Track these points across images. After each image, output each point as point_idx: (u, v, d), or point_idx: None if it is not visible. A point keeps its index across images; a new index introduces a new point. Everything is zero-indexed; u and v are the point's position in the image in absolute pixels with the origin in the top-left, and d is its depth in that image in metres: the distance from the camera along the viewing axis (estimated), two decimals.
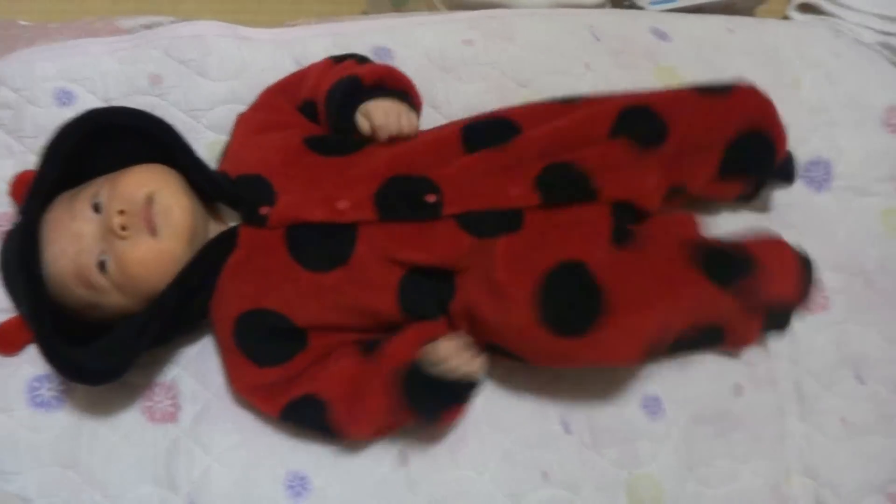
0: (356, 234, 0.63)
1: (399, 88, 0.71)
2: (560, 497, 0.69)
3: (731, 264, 0.68)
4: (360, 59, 0.75)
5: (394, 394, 0.62)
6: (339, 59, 0.75)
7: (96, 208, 0.62)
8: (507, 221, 0.65)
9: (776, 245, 0.73)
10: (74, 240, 0.61)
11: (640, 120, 0.68)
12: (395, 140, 0.68)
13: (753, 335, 0.73)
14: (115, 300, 0.63)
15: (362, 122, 0.68)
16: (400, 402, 0.62)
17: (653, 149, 0.68)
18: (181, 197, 0.64)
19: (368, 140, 0.69)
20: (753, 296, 0.68)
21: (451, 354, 0.61)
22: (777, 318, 0.75)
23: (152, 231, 0.61)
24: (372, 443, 0.69)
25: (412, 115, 0.70)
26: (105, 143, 0.65)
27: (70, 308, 0.64)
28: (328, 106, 0.70)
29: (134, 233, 0.61)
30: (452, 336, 0.63)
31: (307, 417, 0.65)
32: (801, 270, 0.74)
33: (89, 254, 0.61)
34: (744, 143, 0.71)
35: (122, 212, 0.60)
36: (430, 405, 0.64)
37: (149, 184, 0.62)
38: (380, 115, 0.67)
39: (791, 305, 0.74)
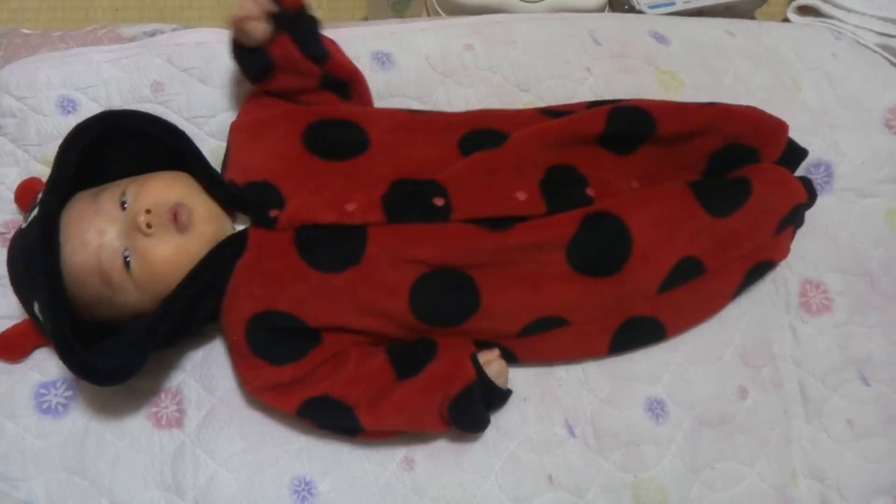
0: (366, 235, 0.64)
1: None
2: (565, 500, 0.69)
3: (725, 195, 0.68)
4: None
5: (448, 408, 0.65)
6: None
7: (122, 206, 0.63)
8: (514, 222, 0.65)
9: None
10: (97, 234, 0.62)
11: (629, 115, 0.69)
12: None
13: (785, 248, 0.76)
14: (129, 298, 0.63)
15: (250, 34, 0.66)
16: (452, 416, 0.65)
17: (635, 149, 0.69)
18: (208, 205, 0.65)
19: (366, 143, 0.69)
20: (758, 216, 0.69)
21: (503, 370, 0.69)
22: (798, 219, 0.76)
23: (182, 230, 0.62)
24: (378, 447, 0.69)
25: None
26: (117, 145, 0.66)
27: (80, 303, 0.63)
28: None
29: (158, 231, 0.61)
30: (493, 352, 0.69)
31: (325, 416, 0.66)
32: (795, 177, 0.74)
33: (113, 250, 0.62)
34: (727, 153, 0.71)
35: (148, 210, 0.61)
36: (484, 417, 0.69)
37: (177, 190, 0.64)
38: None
39: (803, 207, 0.75)
